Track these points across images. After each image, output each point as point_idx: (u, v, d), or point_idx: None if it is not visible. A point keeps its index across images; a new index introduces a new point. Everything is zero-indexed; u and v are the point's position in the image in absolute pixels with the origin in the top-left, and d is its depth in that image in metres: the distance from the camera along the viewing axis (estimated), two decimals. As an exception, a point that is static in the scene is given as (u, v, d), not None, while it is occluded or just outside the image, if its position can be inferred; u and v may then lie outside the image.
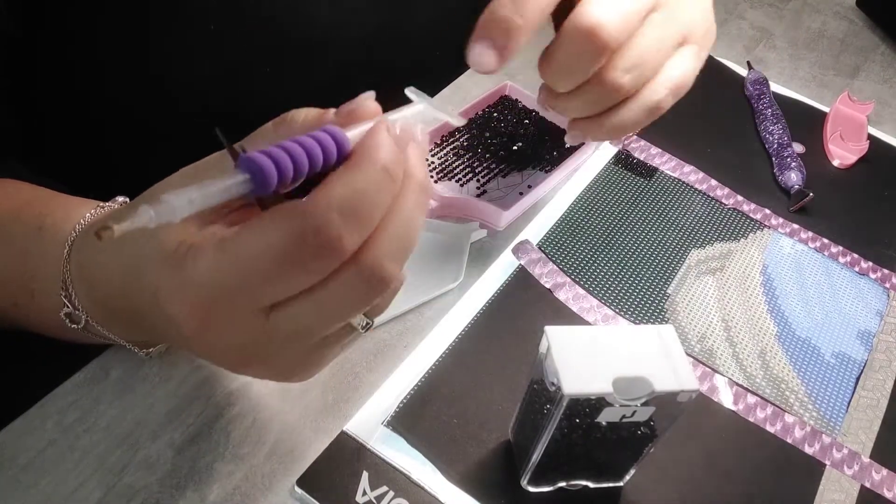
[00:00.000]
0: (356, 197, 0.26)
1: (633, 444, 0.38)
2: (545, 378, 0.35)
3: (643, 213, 0.58)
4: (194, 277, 0.27)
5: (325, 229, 0.25)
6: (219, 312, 0.28)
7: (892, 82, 0.77)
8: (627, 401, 0.33)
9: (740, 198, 0.60)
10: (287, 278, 0.27)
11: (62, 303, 0.37)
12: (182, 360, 0.43)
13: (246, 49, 0.51)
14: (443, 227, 0.52)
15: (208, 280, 0.27)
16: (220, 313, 0.28)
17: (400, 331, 0.47)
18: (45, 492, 0.37)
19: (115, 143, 0.54)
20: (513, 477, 0.41)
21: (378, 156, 0.27)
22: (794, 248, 0.58)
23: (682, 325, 0.51)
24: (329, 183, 0.26)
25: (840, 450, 0.45)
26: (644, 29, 0.38)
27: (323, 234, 0.25)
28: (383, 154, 0.27)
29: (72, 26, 0.47)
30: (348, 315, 0.30)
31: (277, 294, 0.28)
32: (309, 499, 0.38)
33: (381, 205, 0.27)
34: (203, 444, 0.40)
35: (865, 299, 0.55)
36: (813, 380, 0.49)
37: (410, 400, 0.43)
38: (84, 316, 0.37)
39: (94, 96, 0.51)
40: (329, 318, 0.29)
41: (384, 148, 0.27)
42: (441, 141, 0.59)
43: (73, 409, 0.40)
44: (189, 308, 0.28)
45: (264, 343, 0.29)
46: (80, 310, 0.37)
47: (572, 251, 0.54)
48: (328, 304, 0.28)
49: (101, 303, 0.36)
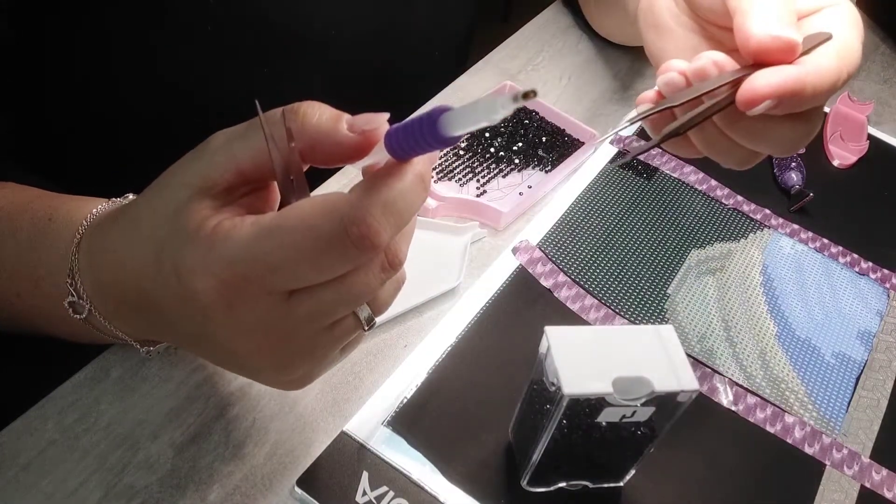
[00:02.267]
0: (398, 197, 0.28)
1: (632, 444, 0.38)
2: (545, 378, 0.35)
3: (643, 213, 0.58)
4: (226, 254, 0.28)
5: (369, 223, 0.27)
6: (247, 290, 0.29)
7: (892, 82, 0.77)
8: (627, 401, 0.33)
9: (740, 198, 0.60)
10: (323, 264, 0.28)
11: (67, 291, 0.37)
12: (182, 360, 0.43)
13: (244, 50, 0.51)
14: (443, 226, 0.52)
15: (244, 257, 0.28)
16: (249, 291, 0.29)
17: (400, 331, 0.47)
18: (46, 492, 0.37)
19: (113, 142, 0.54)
20: (513, 477, 0.41)
21: (416, 162, 0.29)
22: (794, 248, 0.58)
23: (682, 325, 0.51)
24: (373, 183, 0.28)
25: (840, 450, 0.45)
26: None
27: (365, 226, 0.27)
28: (420, 162, 0.29)
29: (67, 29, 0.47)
30: (365, 297, 0.31)
31: (310, 278, 0.29)
32: (309, 499, 0.38)
33: (414, 206, 0.29)
34: (203, 444, 0.40)
35: (865, 299, 0.55)
36: (813, 380, 0.49)
37: (410, 400, 0.43)
38: (88, 306, 0.37)
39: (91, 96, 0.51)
40: (348, 301, 0.30)
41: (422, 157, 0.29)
42: (441, 141, 0.59)
43: (73, 409, 0.40)
44: (216, 283, 0.29)
45: (281, 324, 0.30)
46: (84, 299, 0.37)
47: (572, 251, 0.54)
48: (349, 287, 0.30)
49: (107, 289, 0.36)
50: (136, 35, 0.48)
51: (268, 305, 0.29)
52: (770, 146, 0.38)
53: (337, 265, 0.28)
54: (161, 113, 0.52)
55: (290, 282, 0.29)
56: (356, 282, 0.29)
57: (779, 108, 0.34)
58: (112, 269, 0.35)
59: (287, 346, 0.31)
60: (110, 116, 0.52)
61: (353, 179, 0.55)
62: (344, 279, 0.29)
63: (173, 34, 0.48)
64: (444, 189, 0.55)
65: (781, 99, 0.34)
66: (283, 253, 0.28)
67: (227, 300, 0.29)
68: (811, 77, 0.34)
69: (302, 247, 0.28)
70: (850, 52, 0.36)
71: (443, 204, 0.53)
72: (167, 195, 0.31)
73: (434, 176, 0.56)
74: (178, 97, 0.51)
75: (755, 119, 0.36)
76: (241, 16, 0.49)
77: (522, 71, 0.69)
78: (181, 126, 0.53)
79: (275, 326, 0.30)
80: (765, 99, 0.34)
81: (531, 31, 0.74)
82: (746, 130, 0.37)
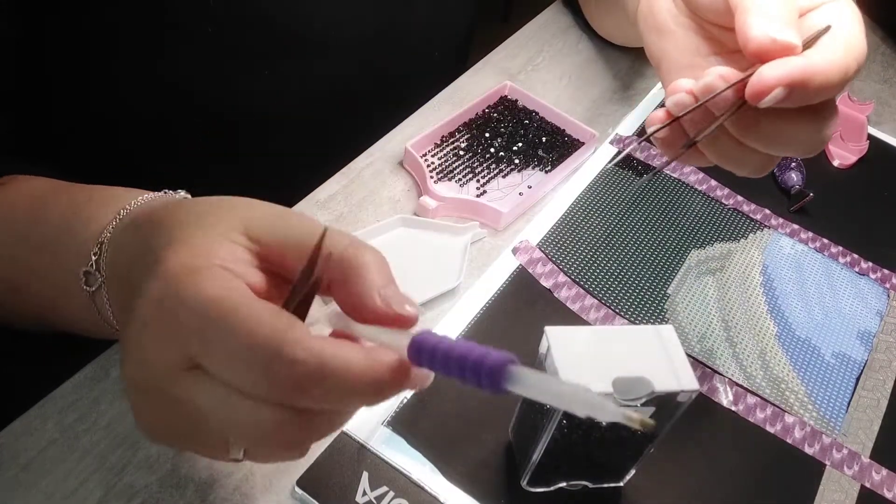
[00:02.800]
0: (346, 386, 0.26)
1: (632, 444, 0.38)
2: (545, 378, 0.35)
3: (643, 213, 0.58)
4: (188, 294, 0.27)
5: (300, 376, 0.26)
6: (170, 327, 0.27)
7: (892, 82, 0.77)
8: (627, 401, 0.33)
9: (740, 198, 0.60)
10: (249, 377, 0.26)
11: (88, 259, 0.37)
12: (182, 360, 0.43)
13: (244, 51, 0.51)
14: (443, 227, 0.52)
15: (194, 307, 0.27)
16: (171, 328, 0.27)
17: (400, 331, 0.47)
18: (46, 492, 0.37)
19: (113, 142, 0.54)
20: (513, 477, 0.41)
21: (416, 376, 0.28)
22: (794, 248, 0.58)
23: (682, 325, 0.51)
24: (341, 353, 0.26)
25: (840, 450, 0.45)
26: None
27: (295, 375, 0.26)
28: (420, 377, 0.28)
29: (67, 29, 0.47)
30: (244, 430, 0.28)
31: (229, 376, 0.27)
32: (309, 499, 0.38)
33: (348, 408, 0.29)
34: (203, 444, 0.40)
35: (865, 299, 0.55)
36: (813, 380, 0.49)
37: (410, 400, 0.43)
38: (101, 279, 0.37)
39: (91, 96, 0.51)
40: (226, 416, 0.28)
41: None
42: (441, 141, 0.59)
43: (73, 409, 0.40)
44: (157, 300, 0.28)
45: (167, 384, 0.28)
46: (101, 273, 0.37)
47: (572, 251, 0.54)
48: (236, 405, 0.27)
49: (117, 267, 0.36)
50: (135, 35, 0.48)
51: (171, 357, 0.28)
52: (788, 147, 0.38)
53: (256, 388, 0.26)
54: (161, 113, 0.52)
55: (202, 351, 0.27)
56: (245, 407, 0.27)
57: (789, 99, 0.34)
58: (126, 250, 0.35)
59: (158, 402, 0.30)
60: (110, 116, 0.52)
61: (353, 180, 0.55)
62: (239, 395, 0.27)
63: (173, 34, 0.48)
64: (444, 189, 0.55)
65: (791, 88, 0.34)
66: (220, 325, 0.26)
67: (153, 320, 0.28)
68: (819, 66, 0.34)
69: (236, 333, 0.26)
70: (856, 43, 0.36)
71: (443, 204, 0.53)
72: (222, 224, 0.30)
73: (434, 176, 0.56)
74: (177, 97, 0.51)
75: (770, 121, 0.36)
76: (241, 16, 0.49)
77: (522, 71, 0.69)
78: (181, 126, 0.53)
79: (161, 381, 0.28)
80: (774, 87, 0.34)
81: (531, 31, 0.74)
82: (762, 134, 0.37)
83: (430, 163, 0.57)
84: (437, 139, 0.59)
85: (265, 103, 0.55)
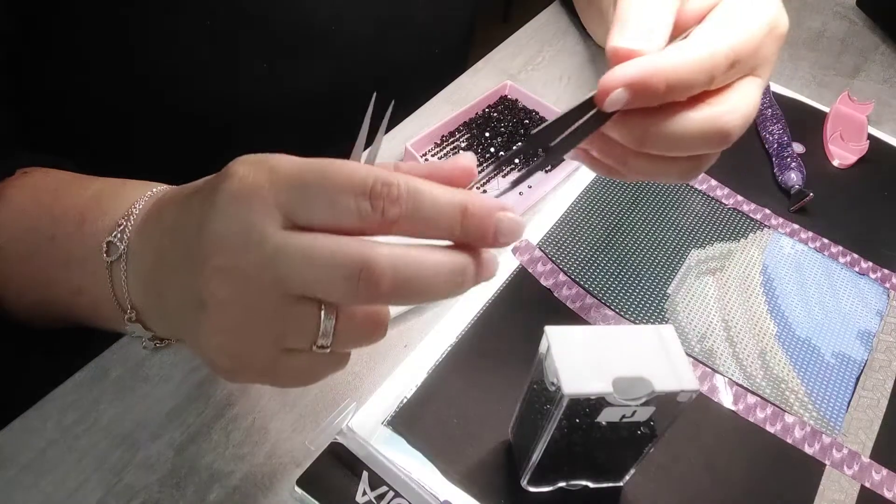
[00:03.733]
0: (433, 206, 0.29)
1: (633, 444, 0.38)
2: (545, 378, 0.35)
3: (643, 213, 0.58)
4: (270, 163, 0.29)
5: (391, 185, 0.28)
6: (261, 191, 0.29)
7: (892, 82, 0.77)
8: (627, 401, 0.33)
9: (740, 198, 0.60)
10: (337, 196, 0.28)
11: (113, 229, 0.38)
12: (182, 360, 0.43)
13: (242, 46, 0.51)
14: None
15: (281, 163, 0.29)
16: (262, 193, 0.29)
17: (400, 331, 0.47)
18: (45, 492, 0.37)
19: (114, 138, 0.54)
20: (513, 477, 0.41)
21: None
22: (794, 248, 0.58)
23: (682, 325, 0.51)
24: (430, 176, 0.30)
25: (840, 450, 0.45)
26: (750, 92, 0.37)
27: (388, 187, 0.28)
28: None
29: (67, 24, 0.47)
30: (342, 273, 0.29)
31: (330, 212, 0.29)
32: (309, 499, 0.38)
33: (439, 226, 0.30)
34: (203, 444, 0.40)
35: (865, 299, 0.55)
36: (813, 380, 0.49)
37: (410, 400, 0.43)
38: (123, 248, 0.38)
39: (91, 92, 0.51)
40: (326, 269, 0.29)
41: None
42: (441, 141, 0.59)
43: (73, 409, 0.40)
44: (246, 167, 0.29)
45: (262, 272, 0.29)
46: (122, 242, 0.38)
47: (572, 251, 0.54)
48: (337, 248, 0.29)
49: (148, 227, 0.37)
50: (136, 30, 0.48)
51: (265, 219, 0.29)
52: (687, 146, 0.37)
53: (343, 202, 0.28)
54: (162, 108, 0.52)
55: (300, 198, 0.29)
56: (342, 246, 0.28)
57: (638, 99, 0.34)
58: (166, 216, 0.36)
59: (252, 310, 0.30)
60: (111, 112, 0.52)
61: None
62: (337, 239, 0.28)
63: (173, 30, 0.48)
64: (444, 189, 0.55)
65: (632, 88, 0.33)
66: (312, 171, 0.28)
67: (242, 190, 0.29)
68: (660, 66, 0.33)
69: (328, 174, 0.28)
70: (739, 39, 0.35)
71: (443, 204, 0.53)
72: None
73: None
74: (176, 93, 0.51)
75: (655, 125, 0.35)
76: (241, 11, 0.49)
77: (522, 71, 0.69)
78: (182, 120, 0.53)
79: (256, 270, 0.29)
80: (614, 89, 0.33)
81: (531, 31, 0.74)
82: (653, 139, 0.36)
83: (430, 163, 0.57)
84: (437, 139, 0.59)
85: (264, 101, 0.55)
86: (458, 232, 0.30)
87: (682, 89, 0.34)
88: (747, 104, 0.36)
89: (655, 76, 0.33)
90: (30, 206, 0.42)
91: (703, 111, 0.35)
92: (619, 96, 0.34)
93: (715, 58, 0.34)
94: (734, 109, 0.35)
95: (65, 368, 0.42)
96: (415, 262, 0.29)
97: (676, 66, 0.34)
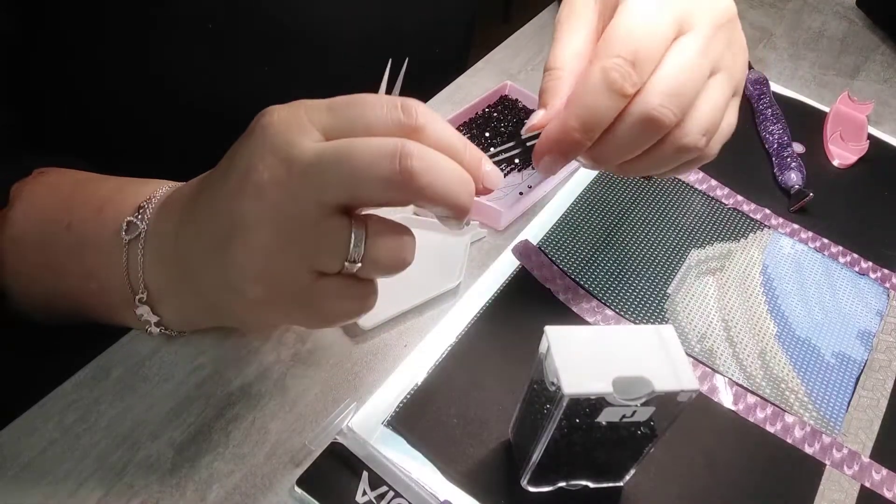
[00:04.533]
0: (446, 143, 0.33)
1: (633, 444, 0.38)
2: (545, 378, 0.35)
3: (643, 213, 0.58)
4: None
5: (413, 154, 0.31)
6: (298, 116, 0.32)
7: (892, 82, 0.77)
8: (627, 401, 0.33)
9: (740, 198, 0.60)
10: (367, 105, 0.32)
11: (133, 210, 0.39)
12: (182, 360, 0.43)
13: (245, 48, 0.51)
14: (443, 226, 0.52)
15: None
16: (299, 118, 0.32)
17: (400, 331, 0.47)
18: (45, 492, 0.37)
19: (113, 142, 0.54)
20: (513, 477, 0.41)
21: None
22: (794, 248, 0.58)
23: (682, 325, 0.51)
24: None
25: (840, 450, 0.45)
26: (709, 93, 0.37)
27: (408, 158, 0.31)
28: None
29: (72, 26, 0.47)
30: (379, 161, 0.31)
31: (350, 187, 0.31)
32: (309, 499, 0.38)
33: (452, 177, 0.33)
34: (203, 444, 0.40)
35: (865, 299, 0.55)
36: (813, 380, 0.49)
37: (410, 400, 0.43)
38: (143, 227, 0.39)
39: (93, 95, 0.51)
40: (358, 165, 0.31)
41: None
42: (441, 141, 0.59)
43: (73, 409, 0.40)
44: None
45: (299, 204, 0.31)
46: (143, 222, 0.39)
47: (572, 251, 0.54)
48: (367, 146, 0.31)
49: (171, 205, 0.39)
50: (137, 34, 0.48)
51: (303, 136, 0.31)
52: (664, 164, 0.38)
53: (377, 112, 0.32)
54: (162, 112, 0.52)
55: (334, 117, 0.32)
56: (379, 138, 0.31)
57: (564, 156, 0.36)
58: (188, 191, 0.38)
59: (288, 222, 0.31)
60: (110, 116, 0.52)
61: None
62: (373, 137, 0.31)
63: (175, 32, 0.48)
64: (444, 189, 0.55)
65: (552, 153, 0.36)
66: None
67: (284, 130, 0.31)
68: (562, 124, 0.35)
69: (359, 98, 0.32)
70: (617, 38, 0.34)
71: (443, 204, 0.53)
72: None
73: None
74: (177, 95, 0.51)
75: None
76: (242, 14, 0.49)
77: (522, 71, 0.69)
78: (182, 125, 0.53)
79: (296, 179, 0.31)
80: (539, 161, 0.36)
81: (531, 31, 0.74)
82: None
83: (430, 163, 0.57)
84: (437, 139, 0.58)
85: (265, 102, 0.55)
86: (467, 156, 0.33)
87: (595, 115, 0.34)
88: (669, 75, 0.35)
89: (564, 129, 0.35)
90: (48, 199, 0.43)
91: (633, 106, 0.35)
92: (550, 163, 0.36)
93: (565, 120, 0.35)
94: (653, 90, 0.34)
95: (65, 368, 0.42)
96: (438, 156, 0.31)
97: (548, 136, 0.35)
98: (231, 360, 0.44)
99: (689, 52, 0.36)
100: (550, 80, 0.37)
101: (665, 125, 0.35)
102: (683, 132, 0.36)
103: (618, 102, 0.34)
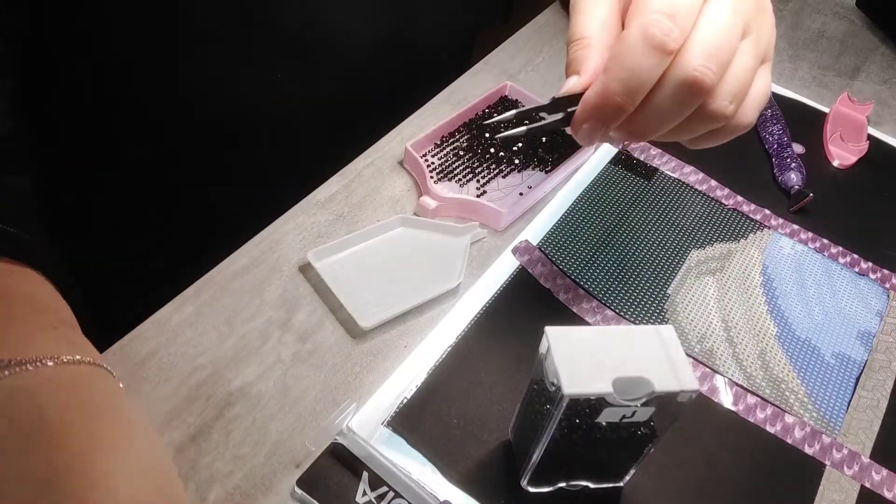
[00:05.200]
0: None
1: (633, 444, 0.38)
2: (545, 378, 0.35)
3: (643, 214, 0.58)
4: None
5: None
6: None
7: (891, 83, 0.77)
8: (627, 401, 0.33)
9: (740, 198, 0.60)
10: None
11: None
12: (182, 360, 0.43)
13: (256, 54, 0.51)
14: (443, 227, 0.52)
15: None
16: None
17: (400, 331, 0.47)
18: (45, 492, 0.37)
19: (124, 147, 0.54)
20: (513, 477, 0.41)
21: None
22: (794, 249, 0.58)
23: (682, 325, 0.51)
24: None
25: (840, 450, 0.45)
26: (738, 58, 0.35)
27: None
28: None
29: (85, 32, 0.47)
30: None
31: None
32: (309, 499, 0.38)
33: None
34: (203, 444, 0.40)
35: (865, 299, 0.55)
36: (813, 380, 0.49)
37: (411, 400, 0.43)
38: None
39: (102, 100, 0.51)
40: None
41: None
42: (441, 141, 0.59)
43: (73, 409, 0.40)
44: None
45: None
46: None
47: (572, 251, 0.54)
48: None
49: None
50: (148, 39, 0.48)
51: None
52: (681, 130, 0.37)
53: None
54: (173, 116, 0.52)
55: None
56: None
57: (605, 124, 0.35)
58: None
59: None
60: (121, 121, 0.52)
61: (353, 180, 0.55)
62: None
63: (187, 39, 0.48)
64: (444, 189, 0.55)
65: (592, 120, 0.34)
66: None
67: None
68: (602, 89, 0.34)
69: None
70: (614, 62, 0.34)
71: (443, 204, 0.53)
72: None
73: (434, 176, 0.56)
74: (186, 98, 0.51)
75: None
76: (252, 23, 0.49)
77: (522, 71, 0.69)
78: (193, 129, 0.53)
79: None
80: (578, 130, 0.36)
81: (531, 32, 0.74)
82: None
83: (430, 163, 0.57)
84: (437, 139, 0.59)
85: (271, 104, 0.55)
86: None
87: (638, 76, 0.33)
88: (707, 34, 0.34)
89: (605, 94, 0.33)
90: None
91: (672, 69, 0.33)
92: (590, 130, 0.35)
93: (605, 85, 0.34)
94: (692, 50, 0.33)
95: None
96: None
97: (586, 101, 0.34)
98: (231, 360, 0.44)
99: (723, 10, 0.34)
100: (579, 48, 0.35)
101: (707, 87, 0.33)
102: (711, 97, 0.34)
103: (661, 60, 0.33)
